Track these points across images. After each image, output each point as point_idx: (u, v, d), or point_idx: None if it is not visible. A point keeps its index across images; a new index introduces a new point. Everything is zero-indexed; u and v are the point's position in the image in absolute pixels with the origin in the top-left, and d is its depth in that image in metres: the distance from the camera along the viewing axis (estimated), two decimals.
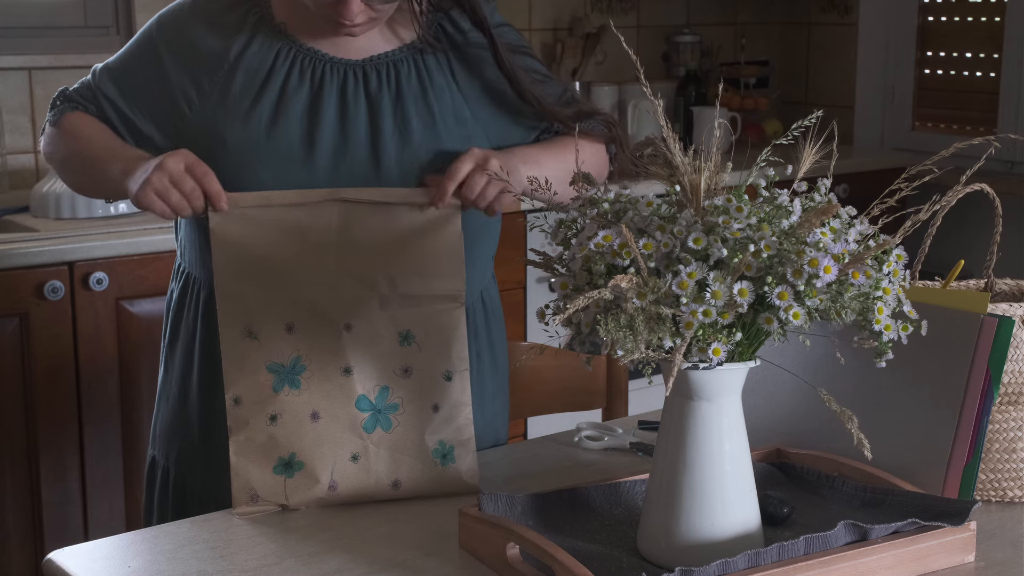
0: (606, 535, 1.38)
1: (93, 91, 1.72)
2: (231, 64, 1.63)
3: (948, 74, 4.22)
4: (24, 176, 3.26)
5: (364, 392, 1.54)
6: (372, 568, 1.35)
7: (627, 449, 1.72)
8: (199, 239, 1.68)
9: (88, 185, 1.74)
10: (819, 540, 1.28)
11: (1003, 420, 1.52)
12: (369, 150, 1.63)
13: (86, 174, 1.71)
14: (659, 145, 1.28)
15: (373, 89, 1.65)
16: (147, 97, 1.67)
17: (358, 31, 1.62)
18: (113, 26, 3.39)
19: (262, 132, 1.61)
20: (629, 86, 4.08)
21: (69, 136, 1.69)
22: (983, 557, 1.37)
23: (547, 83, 1.76)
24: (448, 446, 1.56)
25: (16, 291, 2.66)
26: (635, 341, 1.18)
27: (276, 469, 1.51)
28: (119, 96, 1.69)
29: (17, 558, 2.76)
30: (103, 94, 1.70)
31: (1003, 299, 1.64)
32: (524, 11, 4.05)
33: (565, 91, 1.79)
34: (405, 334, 1.56)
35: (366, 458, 1.53)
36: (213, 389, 1.66)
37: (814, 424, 1.53)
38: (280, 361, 1.53)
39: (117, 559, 1.39)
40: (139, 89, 1.68)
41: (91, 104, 1.71)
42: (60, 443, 2.76)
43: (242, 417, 1.52)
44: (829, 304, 1.21)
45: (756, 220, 1.22)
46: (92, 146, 1.67)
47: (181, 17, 1.67)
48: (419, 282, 1.56)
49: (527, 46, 1.78)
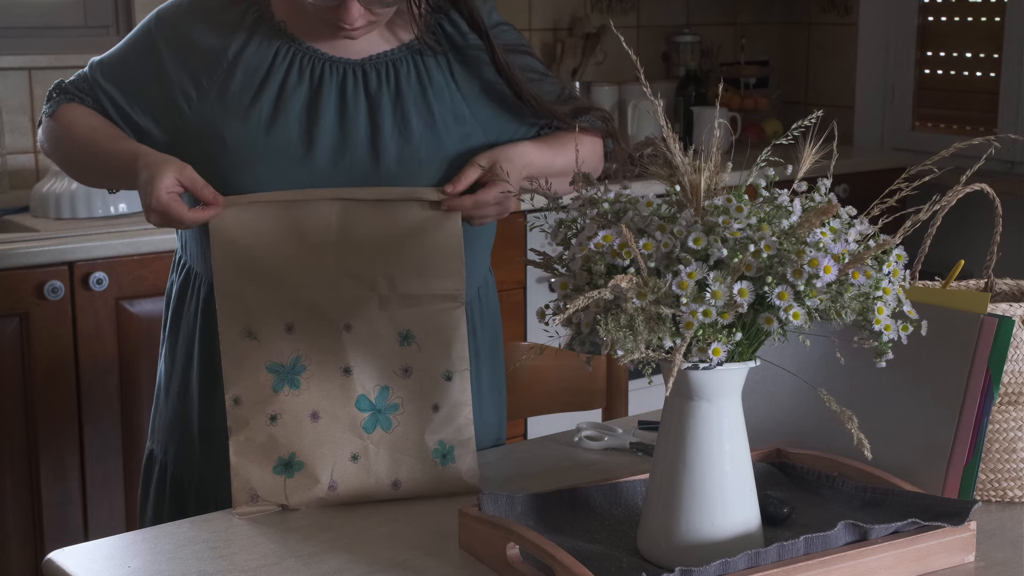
0: (606, 535, 1.38)
1: (90, 84, 1.71)
2: (230, 62, 1.63)
3: (948, 74, 4.22)
4: (24, 176, 3.26)
5: (364, 392, 1.54)
6: (372, 568, 1.35)
7: (627, 449, 1.72)
8: (200, 234, 1.68)
9: (90, 176, 1.75)
10: (819, 540, 1.28)
11: (1003, 420, 1.52)
12: (369, 148, 1.63)
13: (88, 166, 1.71)
14: (659, 145, 1.28)
15: (373, 88, 1.65)
16: (145, 92, 1.67)
17: (357, 35, 1.62)
18: (113, 26, 3.39)
19: (261, 130, 1.61)
20: (629, 86, 4.08)
21: (67, 128, 1.69)
22: (983, 557, 1.37)
23: (544, 81, 1.76)
24: (448, 446, 1.56)
25: (16, 291, 2.66)
26: (635, 341, 1.18)
27: (276, 469, 1.51)
28: (116, 90, 1.68)
29: (17, 558, 2.76)
30: (100, 88, 1.70)
31: (1003, 299, 1.64)
32: (524, 11, 4.05)
33: (563, 89, 1.80)
34: (405, 334, 1.56)
35: (366, 458, 1.53)
36: (213, 386, 1.66)
37: (814, 424, 1.53)
38: (280, 361, 1.53)
39: (117, 559, 1.39)
40: (137, 84, 1.68)
41: (88, 96, 1.70)
42: (60, 443, 2.76)
43: (242, 417, 1.52)
44: (829, 304, 1.21)
45: (756, 220, 1.22)
46: (93, 137, 1.67)
47: (180, 13, 1.67)
48: (419, 282, 1.56)
49: (525, 44, 1.78)
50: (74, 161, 1.73)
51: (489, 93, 1.71)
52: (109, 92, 1.69)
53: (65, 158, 1.74)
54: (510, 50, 1.72)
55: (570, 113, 1.75)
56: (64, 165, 1.77)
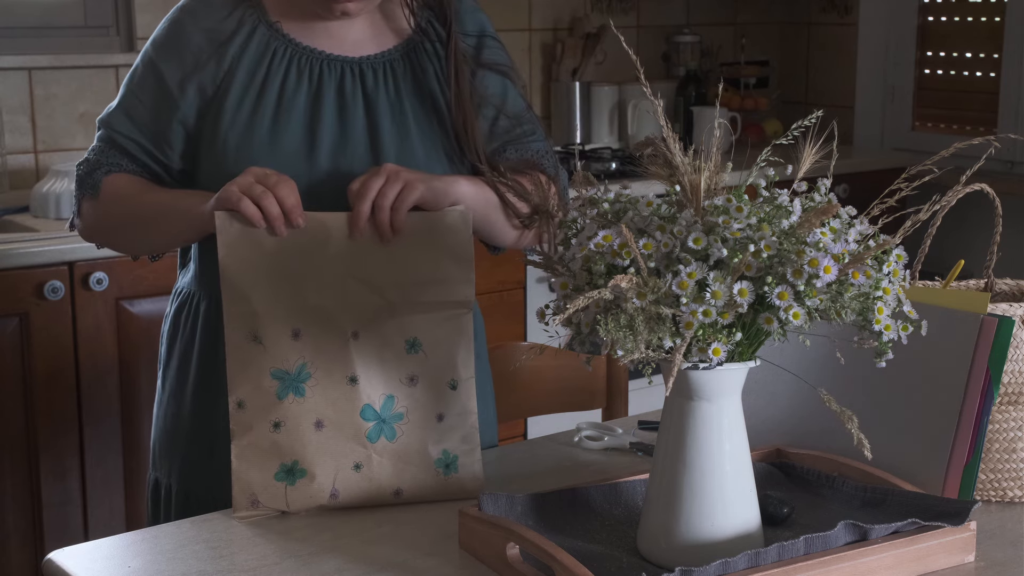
0: (606, 535, 1.38)
1: (113, 141, 1.66)
2: (229, 66, 1.63)
3: (948, 74, 4.22)
4: (24, 176, 3.26)
5: (369, 401, 1.52)
6: (372, 568, 1.35)
7: (627, 449, 1.72)
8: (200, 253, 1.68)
9: (155, 239, 1.68)
10: (819, 540, 1.28)
11: (1003, 420, 1.52)
12: (368, 146, 1.63)
13: (152, 228, 1.65)
14: (659, 145, 1.28)
15: (370, 86, 1.65)
16: (159, 121, 1.64)
17: (352, 8, 1.61)
18: (113, 26, 3.39)
19: (265, 132, 1.61)
20: (629, 86, 4.08)
21: (118, 199, 1.64)
22: (983, 557, 1.37)
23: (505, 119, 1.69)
24: (452, 455, 1.54)
25: (16, 291, 2.67)
26: (635, 341, 1.18)
27: (278, 475, 1.50)
28: (138, 132, 1.65)
29: (17, 558, 2.76)
30: (124, 136, 1.65)
31: (1003, 299, 1.64)
32: (524, 11, 4.05)
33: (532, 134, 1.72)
34: (412, 342, 1.54)
35: (369, 467, 1.52)
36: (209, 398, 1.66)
37: (814, 424, 1.53)
38: (285, 368, 1.50)
39: (117, 559, 1.39)
40: (151, 116, 1.65)
41: (122, 158, 1.65)
42: (60, 443, 2.76)
43: (245, 422, 1.50)
44: (829, 304, 1.21)
45: (756, 220, 1.22)
46: (153, 198, 1.62)
47: (175, 29, 1.65)
48: (428, 288, 1.53)
49: (507, 68, 1.72)
50: (134, 226, 1.66)
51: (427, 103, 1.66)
52: (134, 137, 1.65)
53: (123, 228, 1.67)
54: (484, 65, 1.68)
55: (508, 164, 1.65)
56: (122, 236, 1.69)
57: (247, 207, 1.47)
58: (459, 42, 1.66)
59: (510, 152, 1.71)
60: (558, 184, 1.71)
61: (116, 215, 1.66)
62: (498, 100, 1.71)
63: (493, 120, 1.71)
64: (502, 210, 1.63)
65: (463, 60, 1.66)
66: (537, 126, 1.75)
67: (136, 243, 1.72)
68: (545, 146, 1.74)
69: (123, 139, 1.66)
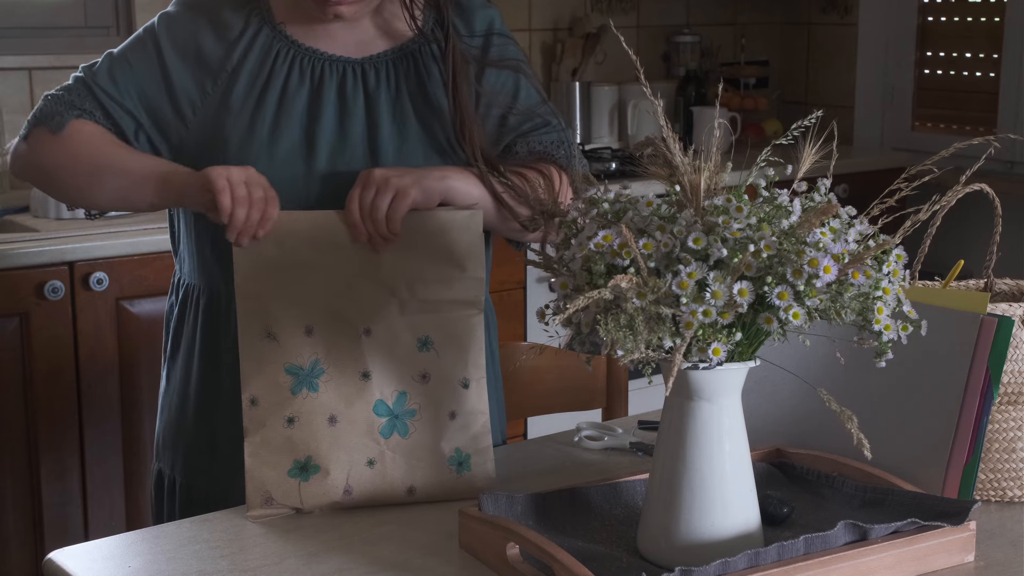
0: (606, 535, 1.38)
1: (90, 90, 1.65)
2: (234, 67, 1.63)
3: (948, 74, 4.22)
4: None
5: (382, 397, 1.52)
6: (372, 568, 1.35)
7: (627, 449, 1.72)
8: (195, 247, 1.68)
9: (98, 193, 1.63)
10: (819, 540, 1.28)
11: (1003, 420, 1.52)
12: (366, 147, 1.63)
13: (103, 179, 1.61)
14: (659, 145, 1.28)
15: (371, 87, 1.65)
16: (150, 94, 1.64)
17: (346, 11, 1.61)
18: (113, 26, 3.40)
19: (266, 133, 1.61)
20: (629, 86, 4.08)
21: (81, 143, 1.61)
22: (983, 557, 1.37)
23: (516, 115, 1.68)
24: (464, 454, 1.54)
25: (16, 291, 2.66)
26: (635, 341, 1.18)
27: (291, 472, 1.50)
28: (119, 92, 1.64)
29: (17, 558, 2.76)
30: (103, 91, 1.64)
31: (1003, 299, 1.64)
32: (524, 11, 4.05)
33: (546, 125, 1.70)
34: (424, 340, 1.54)
35: (382, 463, 1.52)
36: (210, 395, 1.66)
37: (814, 424, 1.53)
38: (299, 363, 1.51)
39: (117, 559, 1.39)
40: (141, 86, 1.64)
41: (95, 109, 1.64)
42: (60, 443, 2.76)
43: (259, 418, 1.50)
44: (829, 304, 1.21)
45: (756, 220, 1.22)
46: (113, 151, 1.60)
47: (185, 18, 1.65)
48: (439, 288, 1.54)
49: (518, 63, 1.70)
50: (97, 176, 1.61)
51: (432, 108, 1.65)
52: (113, 95, 1.64)
53: (85, 174, 1.62)
54: (491, 63, 1.67)
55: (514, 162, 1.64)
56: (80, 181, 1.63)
57: (224, 200, 1.46)
58: (461, 46, 1.65)
59: (519, 147, 1.69)
60: (569, 173, 1.69)
61: (72, 156, 1.61)
62: (507, 98, 1.70)
63: (503, 118, 1.69)
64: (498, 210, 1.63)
65: (463, 65, 1.65)
66: (553, 116, 1.72)
67: (77, 192, 1.66)
68: (559, 136, 1.71)
69: (102, 94, 1.64)
